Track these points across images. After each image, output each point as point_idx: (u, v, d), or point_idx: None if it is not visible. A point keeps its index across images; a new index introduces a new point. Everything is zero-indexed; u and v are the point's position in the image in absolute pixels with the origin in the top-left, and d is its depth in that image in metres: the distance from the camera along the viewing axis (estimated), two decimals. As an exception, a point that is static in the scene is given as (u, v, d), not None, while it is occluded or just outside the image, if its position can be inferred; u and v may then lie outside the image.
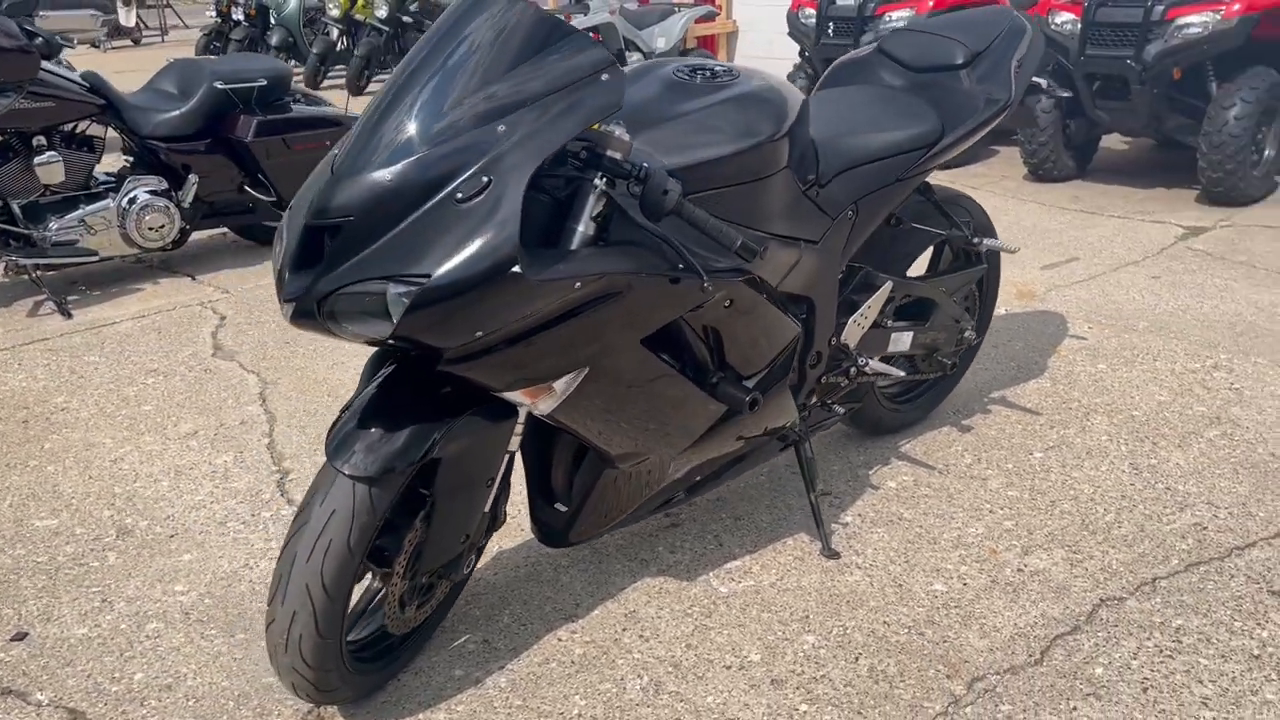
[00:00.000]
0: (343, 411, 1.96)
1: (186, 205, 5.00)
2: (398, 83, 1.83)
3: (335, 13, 11.95)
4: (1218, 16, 5.40)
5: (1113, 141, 7.19)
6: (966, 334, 2.99)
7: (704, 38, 10.54)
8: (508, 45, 1.82)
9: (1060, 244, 5.11)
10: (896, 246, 2.76)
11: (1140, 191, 6.14)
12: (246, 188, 5.21)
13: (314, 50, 11.88)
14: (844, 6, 6.94)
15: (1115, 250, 5.00)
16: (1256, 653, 2.19)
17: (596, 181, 1.84)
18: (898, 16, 6.71)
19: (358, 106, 5.70)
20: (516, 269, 1.71)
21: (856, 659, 2.23)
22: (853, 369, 2.64)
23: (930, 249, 3.02)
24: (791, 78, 7.51)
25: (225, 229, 5.54)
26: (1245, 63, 5.59)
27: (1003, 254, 4.12)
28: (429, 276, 1.69)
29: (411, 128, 1.76)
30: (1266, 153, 5.72)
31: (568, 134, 1.78)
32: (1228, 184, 5.57)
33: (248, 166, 5.16)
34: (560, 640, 2.33)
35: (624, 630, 2.35)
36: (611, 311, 1.88)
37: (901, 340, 2.81)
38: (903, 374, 2.71)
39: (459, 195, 1.73)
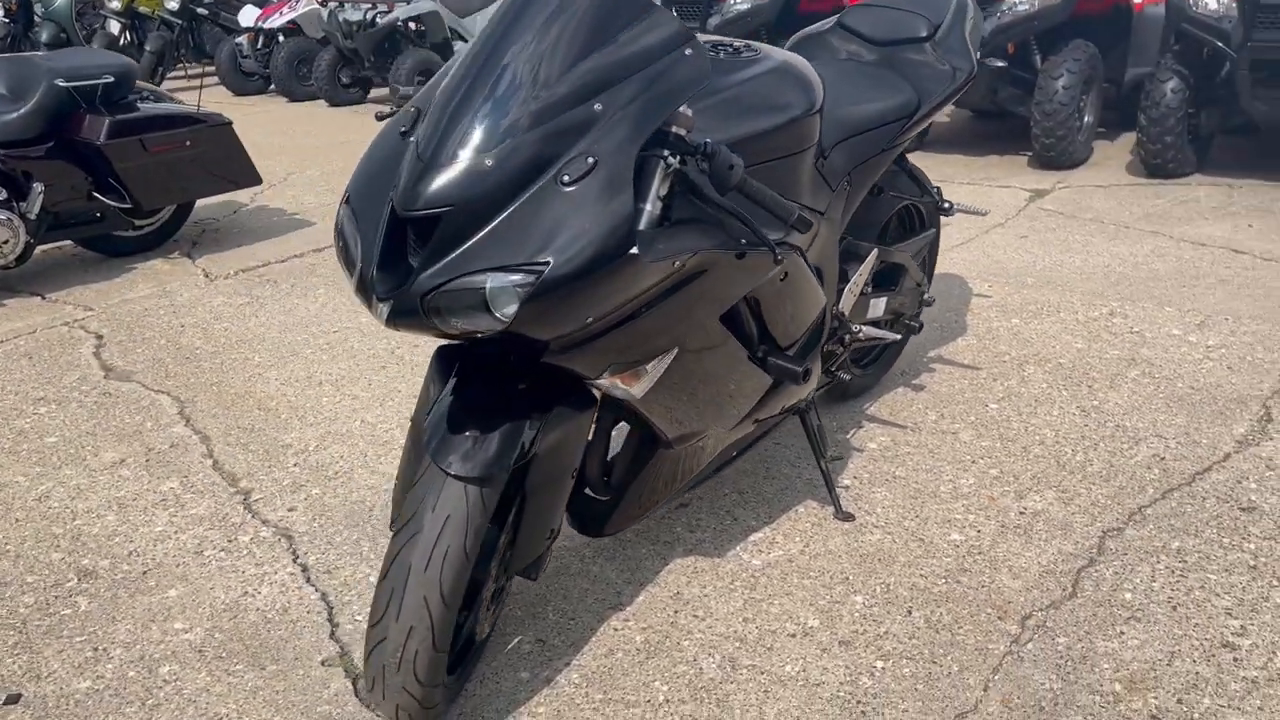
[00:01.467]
0: (426, 414, 1.85)
1: (32, 217, 4.55)
2: (475, 65, 1.74)
3: (116, 5, 11.09)
4: (1045, -6, 5.84)
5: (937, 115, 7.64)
6: (926, 296, 3.13)
7: (522, 25, 10.42)
8: (588, 22, 1.76)
9: (928, 211, 5.40)
10: (870, 214, 2.85)
11: (977, 160, 6.57)
12: (96, 194, 4.79)
13: (95, 47, 10.97)
14: (688, -11, 7.05)
15: (978, 214, 5.33)
16: (1252, 564, 2.42)
17: (670, 159, 1.80)
18: (741, -1, 6.88)
19: (214, 104, 5.22)
20: (634, 250, 1.67)
21: (909, 612, 2.31)
22: (847, 336, 2.71)
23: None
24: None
25: (69, 241, 5.06)
26: (1066, 37, 6.07)
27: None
28: (548, 264, 1.62)
29: (505, 111, 1.68)
30: (1086, 119, 6.24)
31: (665, 109, 1.75)
32: (1058, 149, 6.04)
33: (97, 171, 4.74)
34: (616, 630, 2.30)
35: (676, 613, 2.34)
36: (701, 289, 1.87)
37: (878, 306, 2.91)
38: (897, 336, 2.81)
39: (565, 178, 1.67)
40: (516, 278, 1.63)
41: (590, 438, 2.23)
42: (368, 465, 3.04)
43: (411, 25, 9.17)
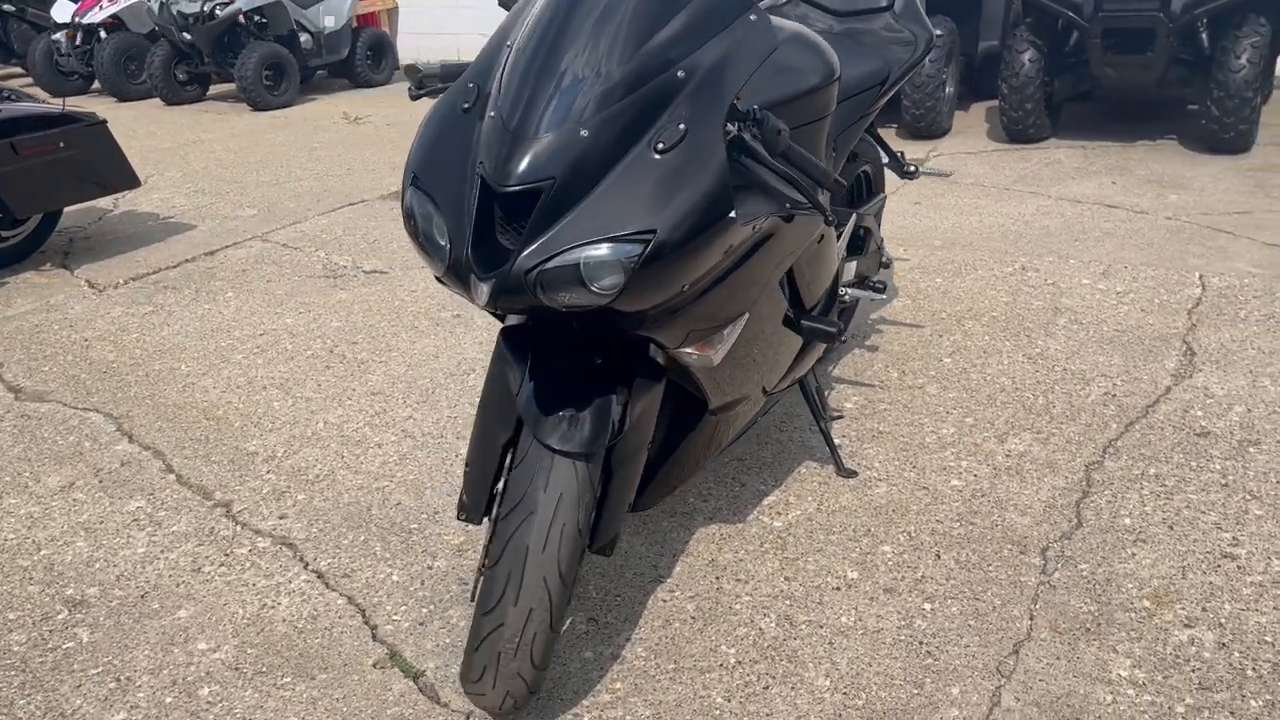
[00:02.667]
0: (515, 394, 1.81)
1: (-108, 232, 4.14)
2: (550, 35, 1.71)
3: (-95, 5, 10.14)
4: (908, -29, 6.10)
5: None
6: (885, 258, 3.26)
7: (364, 15, 10.13)
8: (660, -9, 1.76)
9: (820, 183, 5.58)
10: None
11: (849, 133, 6.81)
12: (-40, 205, 4.40)
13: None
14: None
15: (868, 184, 5.55)
16: (1224, 482, 2.64)
17: (729, 126, 1.83)
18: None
19: (93, 104, 4.78)
20: (732, 214, 1.69)
21: (938, 556, 2.41)
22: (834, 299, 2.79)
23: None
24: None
25: (-74, 258, 4.63)
26: (927, 13, 6.37)
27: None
28: (653, 233, 1.62)
29: (592, 80, 1.66)
30: (949, 90, 6.57)
31: (745, 73, 1.77)
32: (927, 119, 6.34)
33: (-40, 180, 4.36)
34: (665, 601, 2.31)
35: (718, 579, 2.37)
36: (768, 252, 1.90)
37: (850, 269, 3.01)
38: (882, 294, 2.91)
39: (659, 146, 1.67)
40: (622, 248, 1.62)
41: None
42: (348, 466, 2.93)
43: (252, 18, 8.75)
